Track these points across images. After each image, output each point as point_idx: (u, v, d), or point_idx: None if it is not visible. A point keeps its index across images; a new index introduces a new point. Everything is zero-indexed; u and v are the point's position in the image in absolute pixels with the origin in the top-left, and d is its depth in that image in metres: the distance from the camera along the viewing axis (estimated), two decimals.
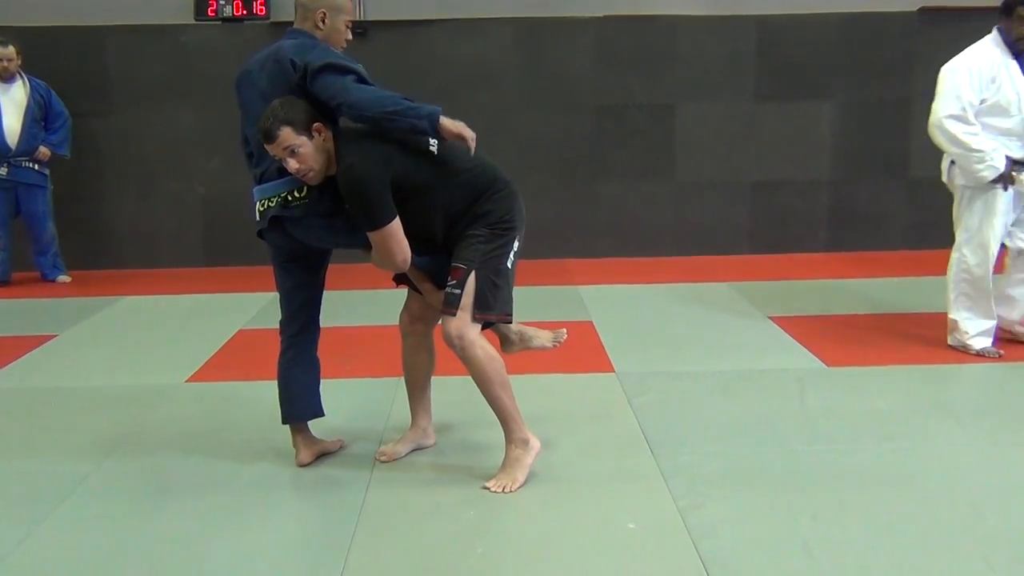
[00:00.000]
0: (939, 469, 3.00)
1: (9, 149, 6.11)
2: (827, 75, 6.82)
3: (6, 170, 6.14)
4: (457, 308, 2.78)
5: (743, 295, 5.57)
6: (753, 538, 2.55)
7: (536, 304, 5.39)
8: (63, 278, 6.45)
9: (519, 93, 6.80)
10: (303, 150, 2.69)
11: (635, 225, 6.95)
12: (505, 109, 6.79)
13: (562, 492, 2.87)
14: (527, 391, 3.68)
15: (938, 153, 4.38)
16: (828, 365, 4.15)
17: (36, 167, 6.23)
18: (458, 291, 2.78)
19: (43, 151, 6.21)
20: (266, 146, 2.72)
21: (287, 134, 2.67)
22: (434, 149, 2.81)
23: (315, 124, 2.71)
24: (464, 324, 2.78)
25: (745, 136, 6.88)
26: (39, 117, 6.22)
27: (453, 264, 2.81)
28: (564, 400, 3.75)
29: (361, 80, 2.76)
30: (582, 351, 4.42)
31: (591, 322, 5.01)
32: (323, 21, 2.93)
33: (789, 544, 2.50)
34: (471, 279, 2.79)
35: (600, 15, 6.72)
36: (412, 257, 2.84)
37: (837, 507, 2.72)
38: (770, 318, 4.99)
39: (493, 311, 2.83)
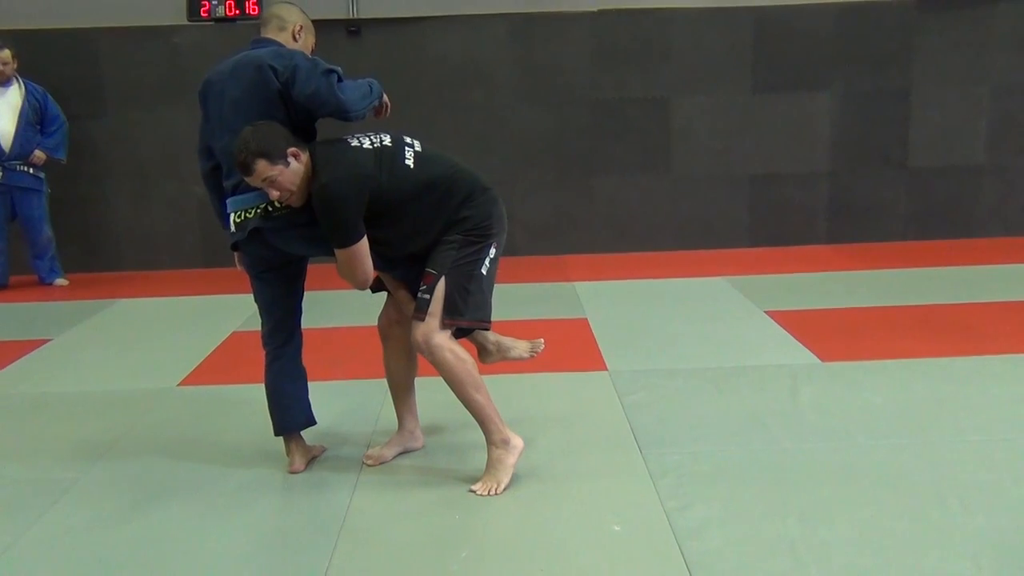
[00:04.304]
0: (930, 465, 2.96)
1: (3, 152, 6.10)
2: (825, 66, 6.76)
3: (1, 174, 6.13)
4: (426, 313, 2.77)
5: (740, 289, 5.54)
6: (739, 539, 2.52)
7: (531, 301, 5.42)
8: (61, 281, 6.45)
9: (514, 89, 6.77)
10: (281, 178, 2.69)
11: (632, 220, 6.92)
12: (500, 105, 6.76)
13: (548, 494, 2.85)
14: (517, 391, 3.70)
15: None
16: (823, 360, 4.12)
17: (31, 171, 6.23)
18: (427, 296, 2.77)
19: (38, 155, 6.20)
20: (244, 177, 2.71)
21: (263, 166, 2.66)
22: (410, 163, 2.81)
23: (290, 150, 2.69)
24: (432, 329, 2.77)
25: (743, 129, 6.83)
26: (34, 120, 6.21)
27: (425, 269, 2.81)
28: (554, 400, 3.73)
29: (340, 77, 2.77)
30: (575, 349, 4.41)
31: (586, 319, 4.98)
32: (298, 35, 2.97)
33: (775, 544, 2.48)
34: (440, 284, 2.78)
35: (595, 9, 6.67)
36: (391, 269, 2.86)
37: (825, 506, 2.69)
38: (767, 313, 4.96)
39: (464, 316, 2.81)
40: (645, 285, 5.83)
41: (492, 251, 2.88)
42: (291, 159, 2.70)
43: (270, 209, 2.80)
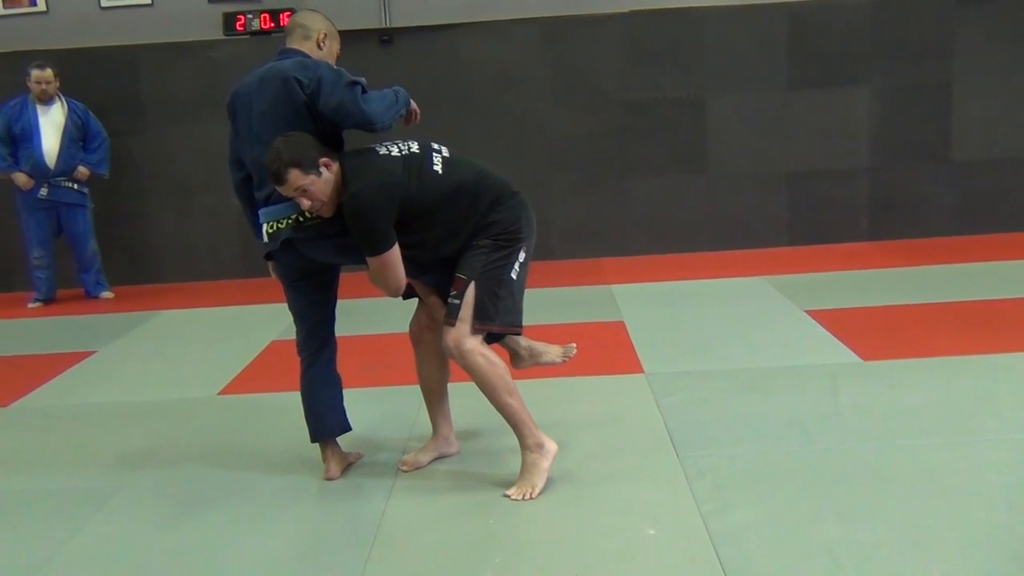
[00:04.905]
0: (974, 466, 2.89)
1: (48, 170, 6.24)
2: (862, 60, 6.65)
3: (46, 190, 6.27)
4: (456, 318, 2.77)
5: (780, 289, 5.46)
6: (776, 542, 2.48)
7: (567, 304, 5.41)
8: (106, 294, 6.58)
9: (546, 92, 6.76)
10: (313, 188, 2.70)
11: (668, 221, 6.86)
12: (533, 109, 6.76)
13: (583, 498, 2.84)
14: (553, 395, 3.69)
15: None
16: (864, 359, 4.04)
17: (75, 186, 6.36)
18: (458, 301, 2.78)
19: (82, 171, 6.33)
20: (276, 187, 2.73)
21: (295, 176, 2.68)
22: (439, 168, 2.81)
23: (322, 159, 2.71)
24: (462, 334, 2.77)
25: (779, 126, 6.75)
26: (77, 137, 6.34)
27: (455, 275, 2.81)
28: (590, 403, 3.71)
29: (364, 88, 2.78)
30: (611, 352, 4.38)
31: (622, 322, 4.95)
32: (323, 42, 2.98)
33: (813, 548, 2.43)
34: (471, 289, 2.78)
35: (627, 10, 6.65)
36: (422, 275, 2.89)
37: (865, 508, 2.64)
38: (807, 312, 4.88)
39: (495, 321, 2.81)
40: (682, 286, 5.78)
41: (522, 255, 2.87)
42: (323, 168, 2.72)
43: (301, 220, 2.82)
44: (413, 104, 2.99)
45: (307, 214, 2.80)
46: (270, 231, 2.88)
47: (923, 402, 3.47)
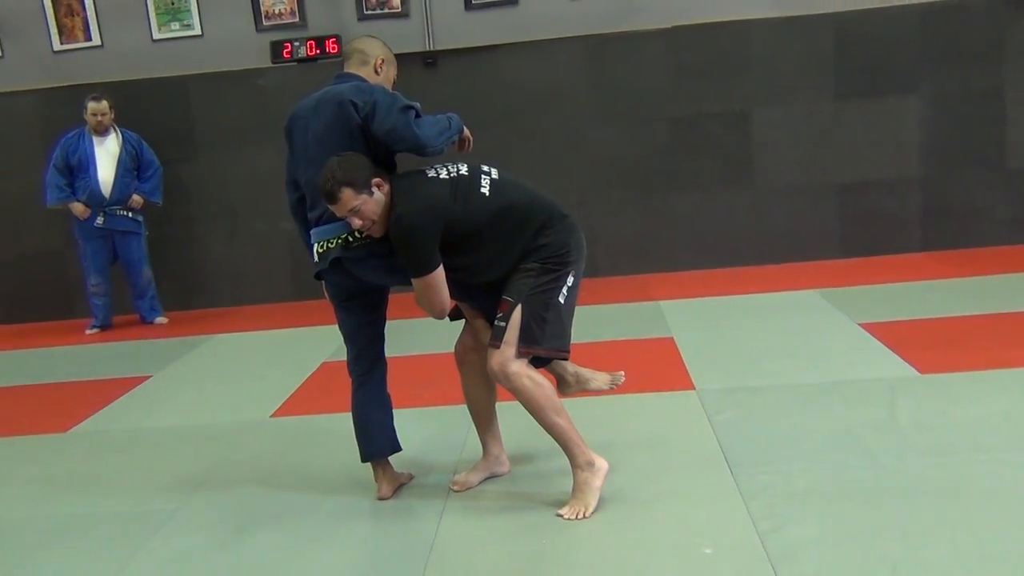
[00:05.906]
0: None
1: (104, 199, 6.40)
2: (911, 68, 6.55)
3: (102, 219, 6.43)
4: (501, 341, 2.77)
5: (832, 302, 5.37)
6: (836, 561, 2.43)
7: (616, 321, 5.38)
8: (161, 319, 6.70)
9: (591, 110, 6.76)
10: (365, 208, 2.74)
11: (716, 236, 6.80)
12: (578, 127, 6.76)
13: (636, 517, 2.81)
14: (603, 413, 3.66)
15: None
16: (922, 372, 3.95)
17: (130, 215, 6.51)
18: (503, 324, 2.77)
19: (136, 199, 6.48)
20: (329, 206, 2.77)
21: (348, 195, 2.71)
22: (486, 191, 2.82)
23: (374, 180, 2.74)
24: (507, 357, 2.77)
25: (827, 137, 6.66)
26: (131, 167, 6.49)
27: (502, 297, 2.81)
28: (641, 421, 3.68)
29: (418, 113, 2.81)
30: (661, 369, 4.34)
31: (672, 338, 4.90)
32: (380, 68, 3.03)
33: (875, 567, 2.37)
34: (517, 312, 2.77)
35: (669, 26, 6.63)
36: (469, 299, 2.90)
37: (929, 526, 2.57)
38: (860, 325, 4.79)
39: (541, 345, 2.79)
40: (732, 301, 5.72)
41: (570, 279, 2.85)
42: (375, 189, 2.75)
43: (350, 239, 2.85)
44: (466, 131, 3.01)
45: (356, 234, 2.83)
46: (320, 251, 2.92)
47: (985, 415, 3.38)
